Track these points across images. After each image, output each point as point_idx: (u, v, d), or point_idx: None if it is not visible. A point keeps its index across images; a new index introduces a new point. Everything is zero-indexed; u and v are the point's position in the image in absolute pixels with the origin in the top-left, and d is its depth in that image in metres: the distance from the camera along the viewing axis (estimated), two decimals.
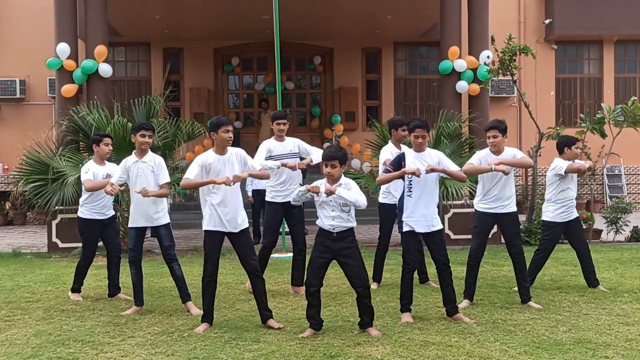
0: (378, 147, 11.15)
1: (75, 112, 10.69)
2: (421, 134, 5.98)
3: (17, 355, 5.06)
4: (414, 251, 6.05)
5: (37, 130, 12.19)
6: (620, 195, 15.51)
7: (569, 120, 16.78)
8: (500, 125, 6.50)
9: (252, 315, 6.11)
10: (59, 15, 11.18)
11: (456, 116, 11.35)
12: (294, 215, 7.21)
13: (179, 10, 13.89)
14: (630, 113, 10.84)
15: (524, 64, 15.13)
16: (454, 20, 11.73)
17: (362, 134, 16.01)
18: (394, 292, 7.13)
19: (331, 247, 5.50)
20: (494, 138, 6.46)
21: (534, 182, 11.27)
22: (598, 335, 5.39)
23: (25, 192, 10.33)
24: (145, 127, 6.43)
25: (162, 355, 5.00)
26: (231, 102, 17.84)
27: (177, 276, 6.47)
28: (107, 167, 7.06)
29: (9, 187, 15.43)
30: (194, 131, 10.73)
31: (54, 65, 11.07)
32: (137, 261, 6.42)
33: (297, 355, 4.92)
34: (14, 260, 9.83)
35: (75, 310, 6.49)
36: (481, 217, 6.58)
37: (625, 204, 10.98)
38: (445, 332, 5.55)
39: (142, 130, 6.39)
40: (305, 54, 17.39)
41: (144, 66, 17.16)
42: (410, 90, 17.50)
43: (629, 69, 17.57)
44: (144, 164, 6.38)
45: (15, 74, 16.05)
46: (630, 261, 8.92)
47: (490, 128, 6.52)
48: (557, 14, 16.42)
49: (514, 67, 10.46)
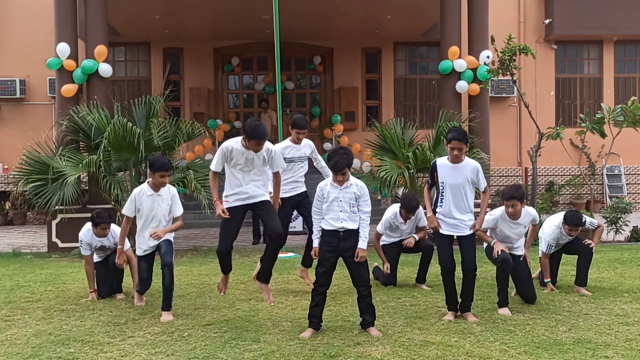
0: (378, 147, 11.18)
1: (75, 112, 10.70)
2: (457, 146, 5.82)
3: (17, 355, 5.06)
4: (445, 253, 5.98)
5: (37, 130, 12.19)
6: (620, 195, 15.52)
7: (568, 120, 16.79)
8: (518, 194, 6.31)
9: (252, 315, 6.11)
10: (59, 15, 11.18)
11: (456, 116, 11.35)
12: (305, 205, 7.22)
13: (179, 10, 13.89)
14: (630, 113, 10.84)
15: (524, 64, 15.13)
16: (454, 20, 11.73)
17: (362, 133, 16.01)
18: (394, 292, 7.14)
19: (337, 245, 5.53)
20: (512, 208, 6.28)
21: (533, 182, 11.27)
22: (598, 335, 5.39)
23: (25, 192, 10.32)
24: (166, 169, 6.31)
25: (162, 355, 5.00)
26: (231, 102, 17.84)
27: (164, 284, 6.21)
28: (105, 239, 7.05)
29: (9, 187, 15.43)
30: (193, 131, 10.72)
31: (54, 65, 11.07)
32: (146, 289, 6.46)
33: (297, 355, 4.92)
34: (14, 260, 9.83)
35: (75, 310, 6.49)
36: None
37: (625, 204, 10.99)
38: (445, 332, 5.54)
39: (162, 171, 6.28)
40: (305, 54, 17.39)
41: (144, 66, 17.16)
42: (410, 90, 17.50)
43: (629, 69, 17.57)
44: (159, 197, 6.34)
45: (15, 74, 16.05)
46: (630, 261, 8.92)
47: (509, 198, 6.30)
48: (557, 14, 16.42)
49: (514, 67, 10.46)
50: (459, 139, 5.81)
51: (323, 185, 5.63)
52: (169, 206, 6.37)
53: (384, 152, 11.04)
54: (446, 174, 5.92)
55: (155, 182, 6.32)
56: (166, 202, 6.34)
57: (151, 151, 10.29)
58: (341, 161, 5.47)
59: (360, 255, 5.50)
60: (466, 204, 5.94)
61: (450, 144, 5.86)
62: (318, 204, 5.63)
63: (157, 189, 6.33)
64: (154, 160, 6.36)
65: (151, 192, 6.32)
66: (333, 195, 5.54)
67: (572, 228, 6.94)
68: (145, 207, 6.30)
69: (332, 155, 5.56)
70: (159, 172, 6.26)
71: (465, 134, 5.92)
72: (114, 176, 10.34)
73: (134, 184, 10.11)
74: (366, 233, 5.56)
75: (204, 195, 9.93)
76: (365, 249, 5.52)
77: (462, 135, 5.86)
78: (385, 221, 7.63)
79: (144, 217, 6.32)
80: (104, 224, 6.93)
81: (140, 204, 6.31)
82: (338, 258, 5.60)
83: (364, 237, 5.54)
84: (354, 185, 5.55)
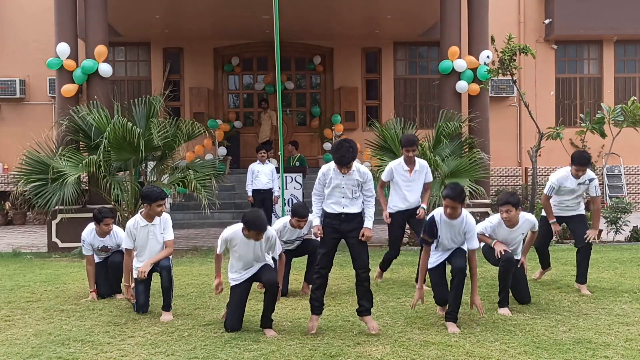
0: (378, 147, 11.17)
1: (75, 112, 10.69)
2: (451, 205, 5.62)
3: (17, 355, 5.06)
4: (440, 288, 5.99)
5: (37, 130, 12.19)
6: (620, 195, 15.51)
7: (568, 120, 16.79)
8: (513, 199, 6.27)
9: (252, 315, 6.10)
10: (59, 15, 11.18)
11: (456, 116, 11.35)
12: None
13: (179, 10, 13.89)
14: (630, 113, 10.84)
15: (524, 64, 15.13)
16: (454, 20, 11.73)
17: (362, 133, 16.00)
18: (394, 292, 7.14)
19: (339, 228, 5.54)
20: (507, 213, 6.25)
21: (533, 182, 11.27)
22: (598, 335, 5.39)
23: (25, 192, 10.33)
24: (162, 197, 6.35)
25: (162, 355, 5.00)
26: (231, 101, 17.83)
27: (162, 286, 6.29)
28: (106, 239, 7.08)
29: (9, 187, 15.43)
30: (193, 131, 10.72)
31: (54, 65, 11.07)
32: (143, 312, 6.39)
33: (297, 355, 4.93)
34: (14, 260, 9.83)
35: (75, 310, 6.49)
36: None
37: (625, 204, 10.98)
38: (445, 332, 5.55)
39: (159, 200, 6.30)
40: (305, 54, 17.38)
41: (144, 66, 17.15)
42: (410, 90, 17.50)
43: (629, 69, 17.57)
44: (154, 227, 6.37)
45: (15, 74, 16.05)
46: (630, 261, 8.92)
47: (504, 203, 6.27)
48: (557, 14, 16.42)
49: (514, 67, 10.45)
50: (453, 198, 5.60)
51: (325, 170, 5.60)
52: (162, 235, 6.40)
53: (384, 152, 11.03)
54: (443, 228, 5.78)
55: (150, 213, 6.34)
56: (160, 230, 6.39)
57: (151, 151, 10.30)
58: (347, 156, 5.42)
59: (366, 235, 5.47)
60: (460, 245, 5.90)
61: (444, 201, 5.68)
62: (319, 187, 5.62)
63: (151, 219, 6.36)
64: (149, 192, 6.34)
65: (145, 222, 6.35)
66: (335, 181, 5.52)
67: (579, 168, 7.01)
68: (141, 237, 6.34)
69: (338, 148, 5.44)
70: (156, 202, 6.29)
71: (461, 192, 5.63)
72: (114, 176, 10.34)
73: (134, 184, 10.12)
74: (371, 213, 5.54)
75: (204, 195, 9.94)
76: (371, 228, 5.50)
77: (457, 194, 5.60)
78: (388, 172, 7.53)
79: (140, 246, 6.37)
80: (107, 218, 6.98)
81: (135, 235, 6.34)
82: (340, 240, 5.59)
83: (370, 216, 5.53)
84: (356, 172, 5.52)
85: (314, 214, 5.67)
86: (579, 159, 7.04)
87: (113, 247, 7.12)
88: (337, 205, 5.52)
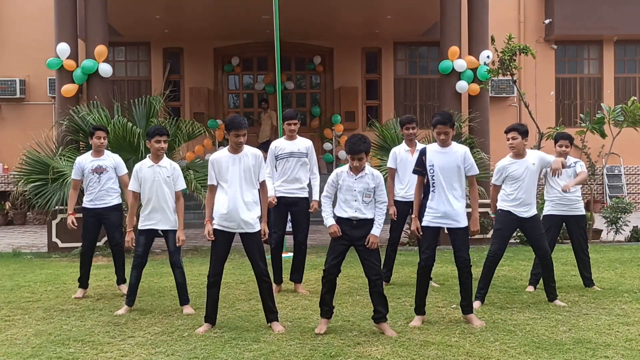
0: (378, 146, 11.16)
1: (75, 112, 10.70)
2: (443, 130, 5.72)
3: (17, 355, 5.06)
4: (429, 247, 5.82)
5: (37, 130, 12.19)
6: (620, 195, 15.52)
7: (568, 120, 16.80)
8: (521, 127, 6.44)
9: (252, 315, 6.10)
10: (59, 15, 11.18)
11: (456, 116, 11.34)
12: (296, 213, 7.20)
13: (179, 10, 13.90)
14: (630, 113, 10.84)
15: (524, 64, 15.14)
16: (454, 20, 11.73)
17: (362, 133, 16.00)
18: (394, 292, 7.14)
19: (350, 234, 5.50)
20: (512, 140, 6.40)
21: None
22: (598, 335, 5.39)
23: (25, 192, 10.33)
24: (160, 133, 6.23)
25: (162, 355, 5.00)
26: (231, 102, 17.85)
27: (177, 282, 6.47)
28: (100, 159, 7.07)
29: (9, 187, 15.44)
30: (194, 131, 10.73)
31: (54, 65, 11.08)
32: (141, 266, 6.43)
33: (297, 355, 4.92)
34: (14, 260, 9.83)
35: (75, 310, 6.49)
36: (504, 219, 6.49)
37: (625, 204, 10.99)
38: (445, 332, 5.54)
39: (156, 135, 6.22)
40: (305, 54, 17.40)
41: (144, 66, 17.16)
42: (410, 90, 17.51)
43: (629, 69, 17.58)
44: (160, 168, 6.30)
45: (15, 74, 16.07)
46: (630, 261, 8.92)
47: (510, 130, 6.42)
48: (557, 14, 16.43)
49: (514, 67, 10.45)
50: (443, 123, 5.71)
51: (339, 171, 5.57)
52: (169, 178, 6.30)
53: (384, 152, 11.01)
54: (435, 157, 5.79)
55: (152, 150, 6.30)
56: (167, 173, 6.30)
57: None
58: (359, 144, 5.39)
59: (372, 241, 5.44)
60: (458, 189, 5.80)
61: (435, 128, 5.77)
62: (331, 189, 5.59)
63: (156, 159, 6.31)
64: (150, 128, 6.37)
65: (151, 163, 6.31)
66: (347, 183, 5.48)
67: (562, 143, 7.13)
68: (147, 178, 6.28)
69: (350, 138, 5.49)
70: (154, 137, 6.23)
71: (450, 117, 5.79)
72: None
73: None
74: (381, 221, 5.51)
75: (204, 196, 9.92)
76: (377, 235, 5.48)
77: (446, 118, 5.74)
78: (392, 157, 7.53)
79: (147, 190, 6.30)
80: (99, 130, 7.04)
81: (142, 176, 6.29)
82: (349, 247, 5.55)
83: (379, 224, 5.49)
84: (368, 176, 5.50)
85: (327, 215, 5.58)
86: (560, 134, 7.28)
87: (107, 168, 7.03)
88: (349, 208, 5.46)
